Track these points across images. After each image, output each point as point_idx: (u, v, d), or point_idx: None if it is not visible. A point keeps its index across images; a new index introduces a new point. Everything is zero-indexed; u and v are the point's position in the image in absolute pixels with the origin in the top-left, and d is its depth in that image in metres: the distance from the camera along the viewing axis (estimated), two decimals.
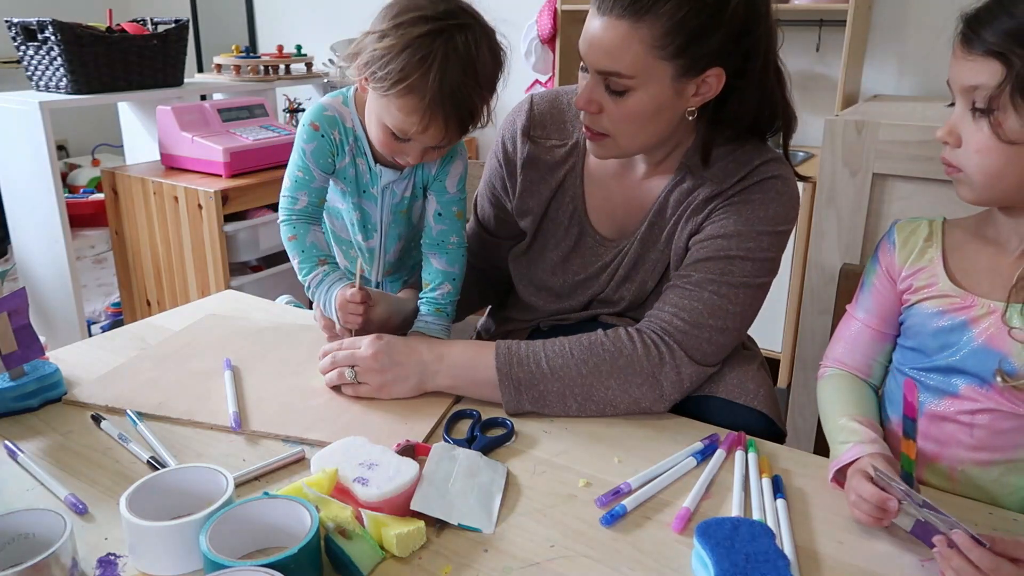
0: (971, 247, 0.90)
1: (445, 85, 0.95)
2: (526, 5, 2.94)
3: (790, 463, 0.88)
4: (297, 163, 1.10)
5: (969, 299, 0.87)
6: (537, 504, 0.80)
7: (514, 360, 0.97)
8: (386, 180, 1.12)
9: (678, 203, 1.05)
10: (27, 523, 0.68)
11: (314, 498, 0.71)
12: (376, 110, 1.03)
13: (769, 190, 1.00)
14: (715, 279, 0.98)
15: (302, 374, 1.05)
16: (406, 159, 1.05)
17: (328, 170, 1.11)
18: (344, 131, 1.10)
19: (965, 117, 0.83)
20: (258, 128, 2.46)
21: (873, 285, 0.97)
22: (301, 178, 1.10)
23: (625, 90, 0.94)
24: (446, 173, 1.14)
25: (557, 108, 1.15)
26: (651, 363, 0.96)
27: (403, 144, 1.03)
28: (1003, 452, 0.85)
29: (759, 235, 0.99)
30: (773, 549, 0.68)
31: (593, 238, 1.13)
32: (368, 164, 1.12)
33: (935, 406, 0.89)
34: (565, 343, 0.98)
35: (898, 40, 2.46)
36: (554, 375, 0.96)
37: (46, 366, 0.99)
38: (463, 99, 0.98)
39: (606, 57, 0.92)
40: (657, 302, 1.02)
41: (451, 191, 1.15)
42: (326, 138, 1.08)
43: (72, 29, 2.25)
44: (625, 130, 0.98)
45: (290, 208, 1.10)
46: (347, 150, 1.11)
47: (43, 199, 2.30)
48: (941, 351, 0.88)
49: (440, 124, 0.99)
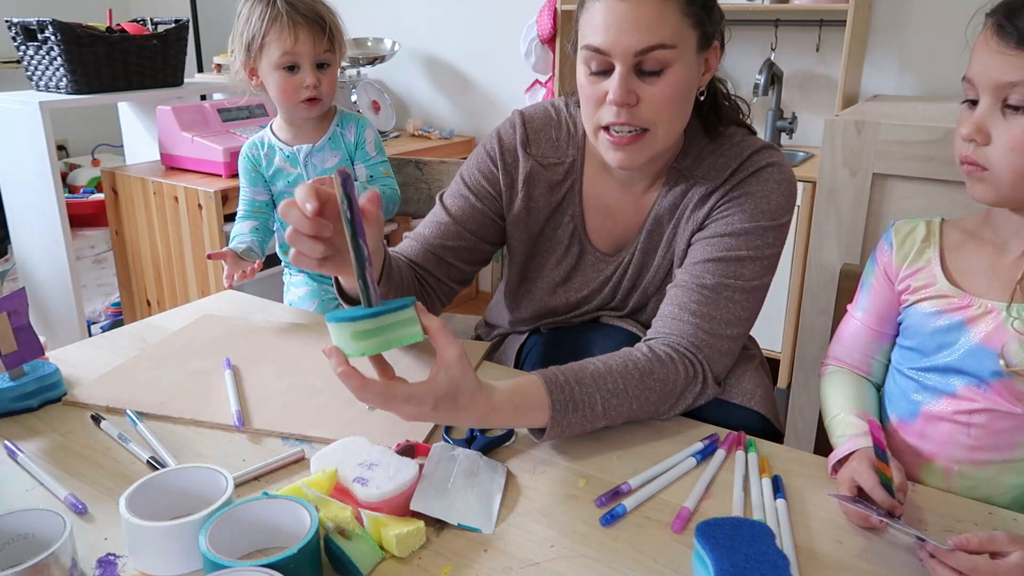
0: (969, 248, 0.90)
1: (292, 6, 1.38)
2: (526, 5, 2.94)
3: (790, 463, 0.88)
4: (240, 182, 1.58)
5: (967, 299, 0.87)
6: (537, 504, 0.80)
7: (569, 407, 0.86)
8: (304, 153, 1.51)
9: (674, 206, 1.05)
10: (27, 523, 0.68)
11: (314, 498, 0.71)
12: (266, 69, 1.44)
13: (768, 179, 1.01)
14: (730, 283, 0.98)
15: (302, 373, 1.05)
16: (307, 87, 1.43)
17: (255, 183, 1.55)
18: (259, 144, 1.55)
19: (994, 114, 0.80)
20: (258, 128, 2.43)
21: (871, 285, 0.97)
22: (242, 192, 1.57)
23: (662, 68, 0.92)
24: (364, 139, 1.54)
25: (550, 126, 1.12)
26: (686, 384, 0.94)
27: (298, 75, 1.43)
28: (1000, 452, 0.86)
29: (765, 231, 1.00)
30: (773, 549, 0.67)
31: (594, 255, 1.12)
32: (285, 153, 1.53)
33: (932, 406, 0.89)
34: (619, 379, 0.89)
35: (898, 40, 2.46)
36: (606, 415, 0.89)
37: (46, 366, 0.99)
38: (309, 7, 1.40)
39: (646, 32, 0.90)
40: (673, 307, 0.99)
41: (372, 154, 1.55)
42: (248, 157, 1.55)
43: (72, 29, 2.25)
44: (665, 116, 0.95)
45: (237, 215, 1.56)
46: (263, 154, 1.54)
47: (43, 199, 2.30)
48: (939, 351, 0.88)
49: (305, 29, 1.38)
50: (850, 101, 2.38)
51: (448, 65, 3.30)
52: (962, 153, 0.83)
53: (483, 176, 1.13)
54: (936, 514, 0.79)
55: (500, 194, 1.13)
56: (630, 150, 0.98)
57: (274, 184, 1.56)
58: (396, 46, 3.19)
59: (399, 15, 3.34)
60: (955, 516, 0.79)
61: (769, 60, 2.53)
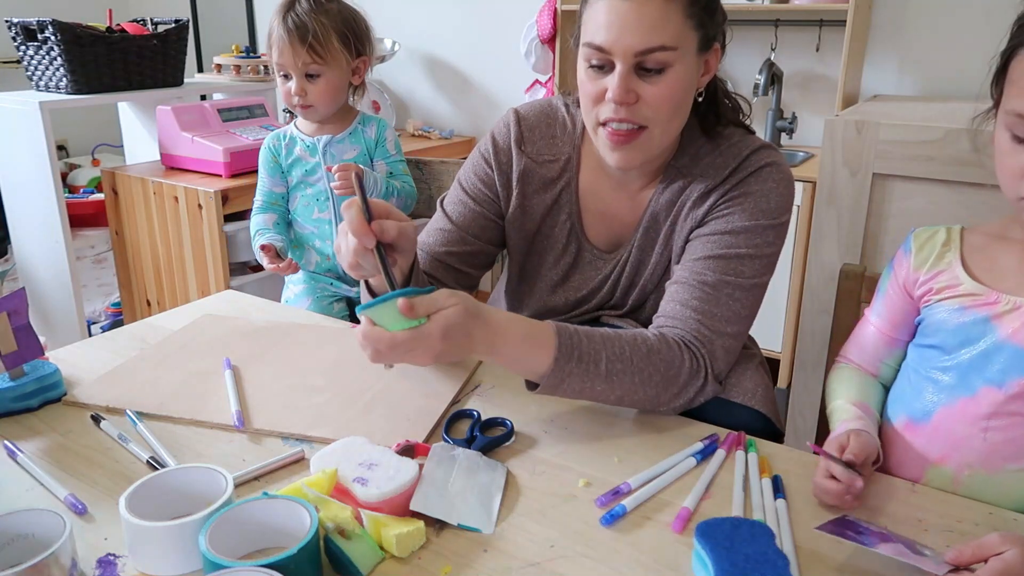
0: (995, 248, 0.89)
1: (288, 20, 1.50)
2: (526, 5, 2.94)
3: (790, 463, 0.88)
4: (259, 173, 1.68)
5: (993, 296, 0.86)
6: (537, 504, 0.80)
7: (573, 355, 0.88)
8: (324, 143, 1.62)
9: (671, 204, 1.05)
10: (27, 523, 0.68)
11: (314, 498, 0.71)
12: None
13: (767, 179, 1.01)
14: (730, 280, 0.98)
15: (302, 373, 1.05)
16: (295, 94, 1.55)
17: (274, 173, 1.65)
18: (281, 136, 1.66)
19: None
20: (258, 128, 2.46)
21: (887, 292, 0.98)
22: (260, 183, 1.68)
23: (662, 68, 0.93)
24: (384, 138, 1.66)
25: (546, 123, 1.13)
26: (690, 376, 0.94)
27: (289, 84, 1.55)
28: (1016, 460, 0.84)
29: (764, 230, 1.00)
30: (773, 549, 0.67)
31: (591, 252, 1.12)
32: (305, 143, 1.64)
33: (949, 407, 0.88)
34: (626, 346, 0.91)
35: (898, 40, 2.46)
36: (608, 378, 0.90)
37: (46, 366, 0.99)
38: (299, 21, 1.50)
39: (649, 33, 0.91)
40: (674, 304, 0.99)
41: (392, 152, 1.67)
42: (269, 148, 1.65)
43: (72, 29, 2.25)
44: (663, 115, 0.96)
45: (254, 207, 1.67)
46: (284, 145, 1.65)
47: (43, 199, 2.30)
48: (962, 347, 0.87)
49: (288, 42, 1.50)
50: (850, 101, 2.38)
51: (448, 65, 3.30)
52: (1021, 194, 0.81)
53: (480, 180, 1.14)
54: (936, 514, 0.79)
55: (498, 195, 1.14)
56: (628, 148, 0.98)
57: (291, 174, 1.66)
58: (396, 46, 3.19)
59: (399, 15, 3.34)
60: (955, 516, 0.79)
61: (769, 60, 2.53)
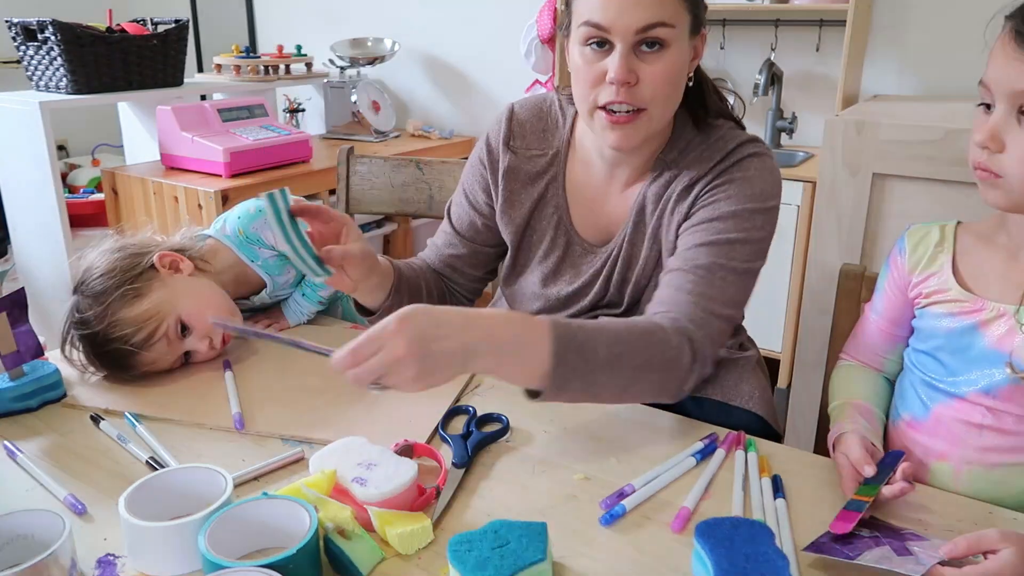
0: (982, 252, 0.90)
1: None
2: (526, 5, 2.94)
3: (790, 463, 0.88)
4: None
5: (979, 303, 0.87)
6: (537, 504, 0.80)
7: (572, 346, 0.82)
8: None
9: (658, 196, 1.05)
10: (26, 523, 0.68)
11: (313, 498, 0.71)
12: None
13: (749, 167, 1.01)
14: (723, 264, 0.97)
15: (302, 374, 1.05)
16: None
17: None
18: None
19: (1009, 121, 0.78)
20: (258, 128, 2.46)
21: (885, 289, 0.98)
22: None
23: (662, 46, 0.94)
24: None
25: (538, 117, 1.13)
26: (688, 360, 0.91)
27: None
28: (1012, 455, 0.85)
29: (752, 214, 0.99)
30: (773, 549, 0.67)
31: (581, 246, 1.12)
32: None
33: (946, 407, 0.89)
34: (623, 329, 0.88)
35: (898, 40, 2.46)
36: (610, 364, 0.85)
37: (45, 367, 0.99)
38: None
39: (647, 9, 0.92)
40: (669, 289, 0.97)
41: None
42: None
43: (72, 29, 2.25)
44: (662, 95, 0.97)
45: None
46: None
47: (43, 199, 2.30)
48: (952, 354, 0.88)
49: None
50: (850, 101, 2.38)
51: (448, 65, 3.30)
52: (976, 159, 0.82)
53: (477, 183, 1.16)
54: (936, 514, 0.79)
55: (491, 196, 1.15)
56: (627, 129, 0.98)
57: None
58: (396, 46, 3.19)
59: (399, 15, 3.34)
60: (955, 515, 0.79)
61: (769, 60, 2.53)
